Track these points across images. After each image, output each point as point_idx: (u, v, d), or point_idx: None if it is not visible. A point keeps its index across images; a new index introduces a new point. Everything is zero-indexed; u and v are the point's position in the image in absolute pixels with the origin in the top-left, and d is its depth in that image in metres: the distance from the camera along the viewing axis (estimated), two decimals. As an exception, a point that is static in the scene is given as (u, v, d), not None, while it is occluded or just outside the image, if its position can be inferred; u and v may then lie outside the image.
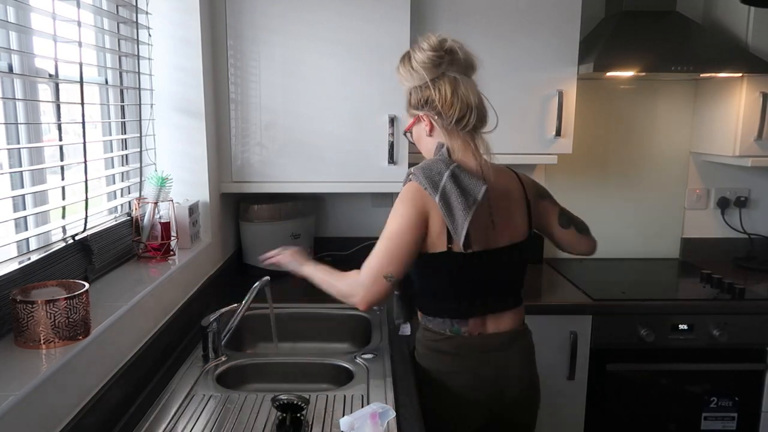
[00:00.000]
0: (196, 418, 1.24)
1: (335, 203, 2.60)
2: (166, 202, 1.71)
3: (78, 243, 1.37)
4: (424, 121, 1.45)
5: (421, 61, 1.39)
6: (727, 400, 2.13)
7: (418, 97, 1.43)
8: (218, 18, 2.01)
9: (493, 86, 2.17)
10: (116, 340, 1.26)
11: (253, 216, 2.27)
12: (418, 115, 1.46)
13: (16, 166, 1.25)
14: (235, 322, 1.59)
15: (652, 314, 2.08)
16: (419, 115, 1.46)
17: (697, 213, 2.66)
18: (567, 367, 2.09)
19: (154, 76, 1.85)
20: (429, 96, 1.42)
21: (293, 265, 1.59)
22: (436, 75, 1.40)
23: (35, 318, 1.05)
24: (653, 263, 2.61)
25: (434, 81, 1.39)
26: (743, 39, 2.23)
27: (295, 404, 1.21)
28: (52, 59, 1.26)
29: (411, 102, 1.46)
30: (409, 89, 1.45)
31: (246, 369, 1.56)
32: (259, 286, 1.56)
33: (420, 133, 1.49)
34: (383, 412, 1.18)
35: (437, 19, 2.13)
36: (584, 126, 2.54)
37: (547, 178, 2.60)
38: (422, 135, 1.48)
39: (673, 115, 2.59)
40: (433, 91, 1.41)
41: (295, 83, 2.06)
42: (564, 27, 2.15)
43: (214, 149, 2.02)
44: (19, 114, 1.25)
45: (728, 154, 2.32)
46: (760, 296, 2.14)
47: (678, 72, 2.13)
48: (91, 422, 1.12)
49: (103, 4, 1.62)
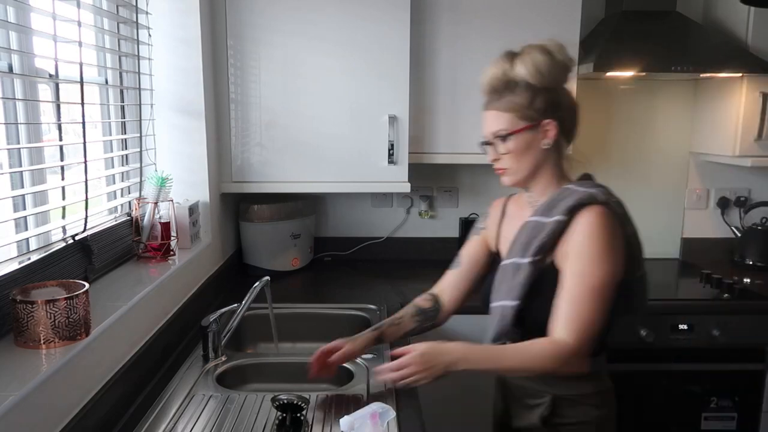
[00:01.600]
0: (196, 418, 1.24)
1: (335, 203, 2.60)
2: (166, 202, 1.71)
3: (78, 243, 1.37)
4: (548, 129, 1.24)
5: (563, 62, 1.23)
6: (727, 400, 2.13)
7: (546, 99, 1.23)
8: (218, 18, 2.01)
9: (493, 86, 2.18)
10: (116, 339, 1.26)
11: (253, 216, 2.27)
12: (540, 120, 1.24)
13: (16, 166, 1.25)
14: (235, 323, 1.59)
15: (652, 314, 2.08)
16: (543, 121, 1.24)
17: (697, 213, 2.66)
18: (567, 367, 2.09)
19: (154, 76, 1.85)
20: (560, 101, 1.25)
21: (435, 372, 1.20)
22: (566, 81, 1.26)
23: (35, 318, 1.05)
24: (653, 263, 2.60)
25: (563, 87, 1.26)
26: (743, 39, 2.23)
27: (295, 404, 1.20)
28: (52, 59, 1.26)
29: (534, 104, 1.23)
30: (535, 87, 1.22)
31: (246, 369, 1.56)
32: (259, 286, 1.55)
33: (531, 143, 1.25)
34: (383, 412, 1.18)
35: (437, 19, 2.13)
36: (584, 126, 2.52)
37: (547, 178, 2.60)
38: (533, 145, 1.25)
39: (673, 115, 2.59)
40: (561, 96, 1.26)
41: (295, 83, 2.06)
42: (564, 27, 2.14)
43: (214, 149, 2.02)
44: (19, 114, 1.25)
45: (728, 154, 2.32)
46: (760, 296, 2.14)
47: (678, 72, 2.13)
48: (91, 422, 1.12)
49: (103, 4, 1.62)
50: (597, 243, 1.17)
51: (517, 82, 1.23)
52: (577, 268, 1.18)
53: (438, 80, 2.16)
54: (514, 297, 1.24)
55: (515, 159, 1.26)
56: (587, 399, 1.26)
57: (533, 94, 1.22)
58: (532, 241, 1.24)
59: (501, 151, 1.27)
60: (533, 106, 1.23)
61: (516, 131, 1.24)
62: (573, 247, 1.20)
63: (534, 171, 1.28)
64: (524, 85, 1.23)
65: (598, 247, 1.17)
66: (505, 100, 1.24)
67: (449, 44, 2.14)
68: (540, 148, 1.25)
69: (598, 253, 1.17)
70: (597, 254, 1.17)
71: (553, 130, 1.24)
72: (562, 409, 1.27)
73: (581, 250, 1.18)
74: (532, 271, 1.23)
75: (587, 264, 1.17)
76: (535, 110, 1.23)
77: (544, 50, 1.22)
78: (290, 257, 2.35)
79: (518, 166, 1.27)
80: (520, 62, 1.22)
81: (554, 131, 1.24)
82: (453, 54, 2.15)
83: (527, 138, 1.24)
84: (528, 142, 1.25)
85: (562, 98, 1.26)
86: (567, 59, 1.24)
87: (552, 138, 1.25)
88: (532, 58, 1.21)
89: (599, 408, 1.28)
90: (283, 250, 2.32)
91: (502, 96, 1.25)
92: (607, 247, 1.18)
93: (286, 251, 2.33)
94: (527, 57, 1.22)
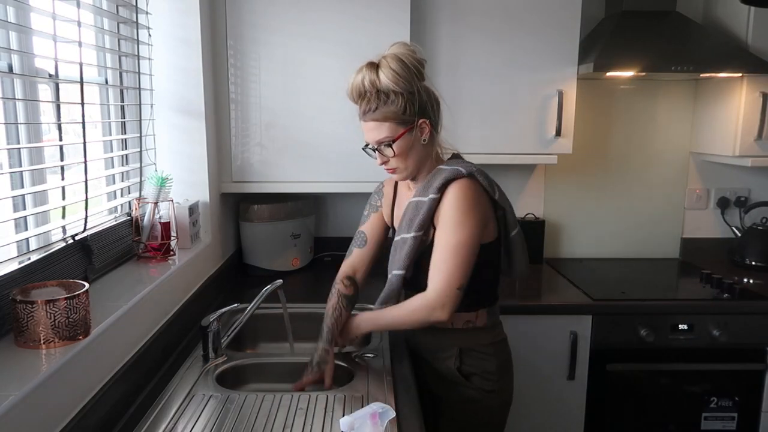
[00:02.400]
0: (196, 418, 1.24)
1: (335, 203, 2.60)
2: (166, 202, 1.71)
3: (78, 243, 1.37)
4: (423, 127, 1.42)
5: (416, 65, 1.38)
6: (727, 400, 2.13)
7: (415, 102, 1.39)
8: (218, 18, 2.01)
9: (494, 86, 2.18)
10: (116, 340, 1.26)
11: (253, 216, 2.27)
12: (414, 122, 1.40)
13: (16, 166, 1.25)
14: (242, 324, 1.59)
15: (652, 314, 2.08)
16: (418, 122, 1.40)
17: (697, 213, 2.66)
18: (567, 367, 2.09)
19: (154, 76, 1.85)
20: (425, 99, 1.41)
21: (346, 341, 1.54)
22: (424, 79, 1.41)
23: (35, 318, 1.05)
24: (653, 263, 2.60)
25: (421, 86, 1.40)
26: (743, 39, 2.23)
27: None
28: (52, 59, 1.26)
29: (407, 109, 1.38)
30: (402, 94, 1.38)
31: (246, 369, 1.56)
32: (271, 288, 1.55)
33: (412, 143, 1.42)
34: (383, 412, 1.18)
35: (437, 19, 2.13)
36: (584, 126, 2.54)
37: (547, 178, 2.60)
38: (414, 144, 1.42)
39: (673, 115, 2.59)
40: (424, 95, 1.40)
41: (295, 83, 2.06)
42: (564, 27, 2.15)
43: (214, 149, 2.02)
44: (19, 114, 1.25)
45: (728, 154, 2.32)
46: (760, 296, 2.14)
47: (678, 72, 2.13)
48: (91, 422, 1.12)
49: (103, 4, 1.62)
50: (458, 209, 1.37)
51: (387, 92, 1.37)
52: (442, 233, 1.39)
53: (437, 80, 2.16)
54: (400, 267, 1.46)
55: (402, 160, 1.43)
56: (487, 349, 1.49)
57: (403, 100, 1.37)
58: (415, 218, 1.43)
59: (388, 154, 1.42)
60: (407, 111, 1.38)
61: (398, 137, 1.39)
62: (441, 217, 1.40)
63: (419, 165, 1.46)
64: (393, 94, 1.37)
65: (459, 213, 1.37)
66: (381, 110, 1.38)
67: (449, 44, 2.14)
68: (420, 145, 1.42)
69: (459, 218, 1.36)
70: (457, 219, 1.36)
71: (427, 127, 1.42)
72: (469, 359, 1.49)
73: (445, 218, 1.39)
74: (414, 245, 1.43)
75: (449, 228, 1.37)
76: (409, 114, 1.38)
77: (397, 58, 1.36)
78: (290, 257, 2.35)
79: (406, 164, 1.44)
80: (383, 74, 1.36)
81: (428, 128, 1.42)
82: (453, 54, 2.15)
83: (408, 140, 1.41)
84: (409, 143, 1.41)
85: (425, 96, 1.40)
86: (418, 61, 1.38)
87: (428, 134, 1.42)
88: (392, 68, 1.35)
89: (497, 357, 1.50)
90: (283, 250, 2.32)
91: (377, 107, 1.38)
92: (466, 211, 1.37)
93: (286, 251, 2.33)
94: (387, 69, 1.35)
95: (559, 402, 2.12)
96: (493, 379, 1.49)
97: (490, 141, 2.21)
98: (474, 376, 1.49)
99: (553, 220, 2.63)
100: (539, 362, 2.08)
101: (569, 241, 2.65)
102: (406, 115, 1.38)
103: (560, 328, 2.07)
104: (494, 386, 1.49)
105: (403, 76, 1.36)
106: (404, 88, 1.37)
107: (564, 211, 2.63)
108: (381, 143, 1.41)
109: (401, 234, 1.47)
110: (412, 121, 1.39)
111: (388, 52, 1.38)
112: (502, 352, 1.53)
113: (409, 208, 1.46)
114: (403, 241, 1.46)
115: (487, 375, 1.49)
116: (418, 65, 1.39)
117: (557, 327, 2.07)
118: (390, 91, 1.37)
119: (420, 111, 1.40)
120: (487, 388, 1.49)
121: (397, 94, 1.37)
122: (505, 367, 1.53)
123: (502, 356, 1.53)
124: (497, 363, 1.50)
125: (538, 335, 2.07)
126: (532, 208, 2.62)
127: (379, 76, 1.36)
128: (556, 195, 2.62)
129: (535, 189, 2.61)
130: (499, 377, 1.50)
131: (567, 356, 2.08)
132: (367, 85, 1.38)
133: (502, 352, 1.53)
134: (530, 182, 2.61)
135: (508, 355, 1.56)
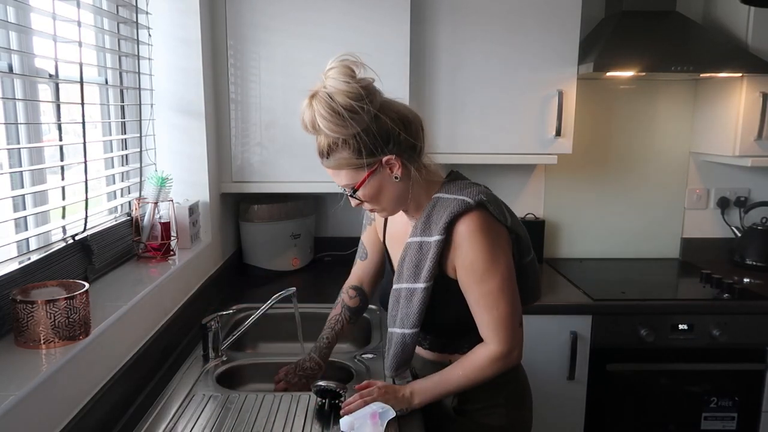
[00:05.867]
0: (196, 418, 1.24)
1: (335, 203, 2.60)
2: (166, 202, 1.71)
3: (78, 243, 1.37)
4: (392, 164, 1.18)
5: (349, 104, 1.09)
6: (727, 400, 2.13)
7: (370, 139, 1.13)
8: (218, 18, 2.01)
9: (493, 86, 2.18)
10: (116, 340, 1.26)
11: (253, 216, 2.27)
12: (378, 161, 1.16)
13: (16, 166, 1.25)
14: (247, 326, 1.59)
15: (652, 314, 2.08)
16: (381, 160, 1.16)
17: (697, 213, 2.66)
18: (567, 367, 2.09)
19: (154, 76, 1.85)
20: (384, 128, 1.14)
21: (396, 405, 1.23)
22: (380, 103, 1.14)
23: (35, 318, 1.05)
24: (653, 263, 2.60)
25: (379, 111, 1.13)
26: (743, 39, 2.23)
27: (335, 391, 1.26)
28: (52, 59, 1.26)
29: (360, 151, 1.14)
30: (351, 136, 1.13)
31: (246, 369, 1.56)
32: (284, 293, 1.53)
33: (382, 182, 1.19)
34: (383, 412, 1.18)
35: (437, 19, 2.13)
36: (584, 126, 2.54)
37: (547, 178, 2.60)
38: (385, 183, 1.20)
39: (673, 115, 2.59)
40: (383, 126, 1.14)
41: (295, 83, 2.06)
42: (564, 27, 2.14)
43: (214, 149, 2.02)
44: (19, 114, 1.25)
45: (728, 154, 2.32)
46: (760, 296, 2.14)
47: (678, 72, 2.13)
48: (91, 422, 1.12)
49: (103, 4, 1.62)
50: (481, 256, 1.17)
51: (332, 138, 1.14)
52: (475, 278, 1.19)
53: (438, 80, 2.16)
54: (413, 325, 1.23)
55: (375, 201, 1.23)
56: (491, 381, 1.25)
57: (354, 143, 1.13)
58: (421, 264, 1.22)
59: (359, 198, 1.22)
60: (362, 155, 1.14)
61: (360, 184, 1.19)
62: (462, 261, 1.20)
63: (400, 201, 1.24)
64: (340, 140, 1.14)
65: (484, 260, 1.17)
66: (333, 158, 1.17)
67: (449, 44, 2.14)
68: (392, 183, 1.20)
69: (486, 265, 1.18)
70: (486, 267, 1.18)
71: (396, 162, 1.18)
72: (470, 396, 1.29)
73: (471, 262, 1.18)
74: (425, 297, 1.22)
75: (482, 272, 1.18)
76: (367, 155, 1.15)
77: (326, 104, 1.10)
78: (290, 257, 2.35)
79: (383, 205, 1.24)
80: (318, 121, 1.12)
81: (397, 163, 1.18)
82: (453, 54, 2.15)
83: (376, 181, 1.19)
84: (379, 184, 1.20)
85: (385, 124, 1.14)
86: (357, 93, 1.09)
87: (398, 170, 1.19)
88: (323, 116, 1.10)
89: (506, 386, 1.31)
90: (283, 250, 2.33)
91: (328, 152, 1.17)
92: (491, 250, 1.17)
93: (286, 251, 2.33)
94: (320, 117, 1.11)
95: (559, 402, 2.12)
96: (501, 413, 1.31)
97: (490, 141, 2.21)
98: (475, 412, 1.31)
99: (552, 220, 2.63)
100: (539, 362, 2.08)
101: (569, 241, 2.65)
102: (363, 158, 1.15)
103: (560, 328, 2.07)
104: (501, 421, 1.31)
105: (339, 123, 1.10)
106: (348, 133, 1.12)
107: (564, 211, 2.63)
108: (346, 189, 1.22)
109: (403, 283, 1.25)
110: (372, 162, 1.16)
111: (319, 88, 1.13)
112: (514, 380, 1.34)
113: (411, 250, 1.24)
114: (409, 292, 1.24)
115: (492, 409, 1.31)
116: (357, 101, 1.09)
117: (557, 327, 2.07)
118: (332, 138, 1.14)
119: (381, 146, 1.15)
120: (494, 423, 1.31)
121: (344, 141, 1.14)
122: (518, 398, 1.34)
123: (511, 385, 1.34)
124: (506, 394, 1.32)
125: (539, 335, 2.07)
126: (532, 208, 2.62)
127: (317, 118, 1.12)
128: (556, 195, 2.62)
129: (535, 189, 2.61)
130: (509, 410, 1.32)
131: (567, 356, 2.08)
132: (309, 126, 1.15)
133: (514, 379, 1.34)
134: (530, 182, 2.61)
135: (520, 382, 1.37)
